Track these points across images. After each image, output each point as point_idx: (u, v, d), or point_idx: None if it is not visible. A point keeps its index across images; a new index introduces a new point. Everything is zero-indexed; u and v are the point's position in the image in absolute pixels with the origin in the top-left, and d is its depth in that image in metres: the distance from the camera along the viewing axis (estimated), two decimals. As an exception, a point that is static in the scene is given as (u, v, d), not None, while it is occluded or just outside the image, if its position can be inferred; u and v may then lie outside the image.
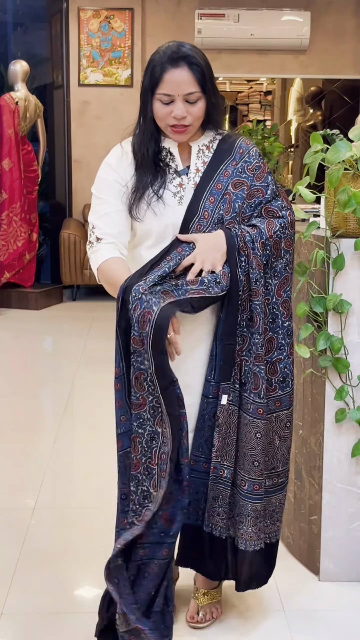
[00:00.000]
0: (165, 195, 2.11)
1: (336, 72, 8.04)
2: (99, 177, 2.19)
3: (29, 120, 7.35)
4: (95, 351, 5.67)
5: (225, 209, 2.09)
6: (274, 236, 2.10)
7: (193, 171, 2.14)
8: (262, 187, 2.14)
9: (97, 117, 7.87)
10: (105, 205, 2.15)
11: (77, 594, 2.55)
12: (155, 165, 2.12)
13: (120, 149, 2.18)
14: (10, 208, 7.19)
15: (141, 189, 2.11)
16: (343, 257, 2.40)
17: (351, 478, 2.55)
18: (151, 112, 2.10)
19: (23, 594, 2.51)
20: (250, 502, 2.17)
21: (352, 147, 2.31)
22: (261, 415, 2.13)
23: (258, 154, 2.18)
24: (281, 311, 2.15)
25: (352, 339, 2.48)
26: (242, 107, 10.28)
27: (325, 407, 2.52)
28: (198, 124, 2.12)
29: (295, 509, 2.75)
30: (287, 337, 2.17)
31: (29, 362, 5.70)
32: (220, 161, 2.14)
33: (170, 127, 2.08)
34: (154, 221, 2.11)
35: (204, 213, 2.09)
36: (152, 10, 7.80)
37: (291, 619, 2.39)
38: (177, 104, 2.05)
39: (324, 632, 2.36)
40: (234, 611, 2.42)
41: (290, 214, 2.16)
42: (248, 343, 2.10)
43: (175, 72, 2.03)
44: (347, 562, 2.60)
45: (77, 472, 3.63)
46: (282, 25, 7.68)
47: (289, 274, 2.16)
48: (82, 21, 7.74)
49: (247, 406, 2.13)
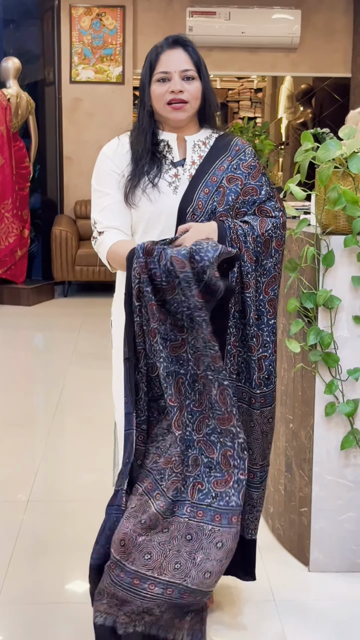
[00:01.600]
0: (160, 184, 2.15)
1: (326, 70, 8.09)
2: (97, 167, 2.24)
3: (20, 117, 7.36)
4: (87, 347, 5.70)
5: (218, 201, 2.13)
6: (265, 234, 2.13)
7: (189, 163, 2.18)
8: (257, 186, 2.17)
9: (88, 114, 7.88)
10: (105, 197, 2.20)
11: (69, 587, 2.58)
12: (152, 155, 2.17)
13: (117, 140, 2.23)
14: (2, 204, 7.20)
15: (137, 177, 2.15)
16: (333, 254, 2.45)
17: (340, 470, 2.60)
18: (149, 100, 2.16)
19: (16, 586, 2.55)
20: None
21: (342, 146, 2.35)
22: (254, 405, 2.16)
23: (253, 153, 2.23)
24: (267, 309, 2.17)
25: (341, 334, 2.52)
26: (233, 105, 10.31)
27: (315, 401, 2.56)
28: (195, 104, 2.17)
29: (285, 501, 2.80)
30: (272, 334, 2.19)
31: (20, 358, 5.72)
32: (216, 156, 2.18)
33: (168, 104, 2.13)
34: (148, 207, 2.14)
35: (198, 203, 2.12)
36: (143, 8, 7.82)
37: (281, 609, 2.43)
38: (175, 79, 2.12)
39: (313, 621, 2.41)
40: (225, 601, 2.46)
41: (283, 215, 2.20)
42: (241, 334, 2.13)
43: (172, 52, 2.15)
44: (337, 553, 2.64)
45: (69, 466, 3.66)
46: (273, 24, 7.72)
47: (277, 274, 2.19)
48: (74, 18, 7.75)
49: (243, 395, 2.16)
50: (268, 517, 2.98)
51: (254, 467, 2.20)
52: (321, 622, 2.39)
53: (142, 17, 7.82)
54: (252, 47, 7.90)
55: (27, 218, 7.57)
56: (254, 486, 2.22)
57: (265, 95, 9.70)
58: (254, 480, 2.21)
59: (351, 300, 2.51)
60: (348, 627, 2.36)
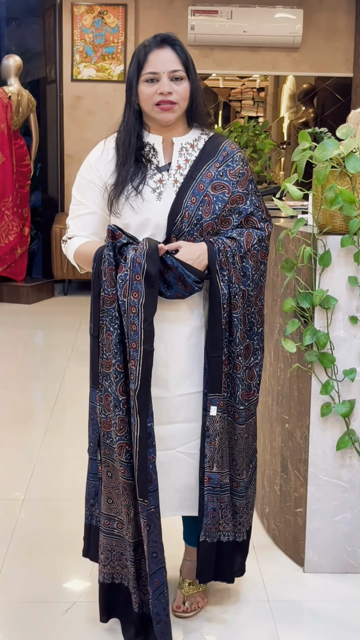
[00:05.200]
0: (144, 191, 2.12)
1: (328, 70, 8.07)
2: (79, 173, 2.25)
3: (21, 115, 7.36)
4: (86, 345, 5.65)
5: (204, 210, 2.11)
6: (251, 249, 2.15)
7: (174, 168, 2.15)
8: (243, 194, 2.16)
9: (89, 112, 7.88)
10: (80, 206, 2.23)
11: (66, 585, 2.58)
12: (136, 160, 2.14)
13: (102, 146, 2.21)
14: (3, 202, 7.20)
15: (120, 184, 2.13)
16: (330, 254, 2.44)
17: (336, 471, 2.59)
18: (136, 99, 2.12)
19: (12, 585, 2.55)
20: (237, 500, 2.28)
21: (339, 145, 2.34)
22: (237, 419, 2.20)
23: (242, 159, 2.19)
24: (257, 319, 2.23)
25: (337, 334, 2.51)
26: (235, 104, 10.29)
27: (311, 401, 2.55)
28: (184, 105, 2.13)
29: (280, 501, 2.79)
30: (260, 342, 2.24)
31: (20, 356, 5.72)
32: (204, 162, 2.15)
33: (157, 105, 2.10)
34: (131, 216, 2.12)
35: (185, 213, 2.10)
36: (145, 6, 7.81)
37: (275, 610, 2.43)
38: (163, 80, 2.08)
39: (307, 622, 2.40)
40: (219, 601, 2.46)
41: (269, 225, 2.21)
42: (228, 354, 2.16)
43: (160, 51, 2.09)
44: (331, 554, 2.64)
45: (66, 464, 3.66)
46: (275, 23, 7.70)
47: (263, 284, 2.23)
48: (76, 16, 7.75)
49: (229, 409, 2.20)
50: (263, 518, 2.97)
51: (238, 477, 2.23)
52: (315, 622, 2.39)
53: (144, 15, 7.82)
54: (253, 46, 7.89)
55: (27, 216, 7.57)
56: (238, 495, 2.26)
57: (267, 95, 9.68)
58: (237, 489, 2.25)
59: (347, 300, 2.50)
60: (342, 628, 2.36)
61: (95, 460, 2.22)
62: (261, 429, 3.02)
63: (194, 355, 2.18)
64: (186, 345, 2.17)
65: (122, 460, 2.07)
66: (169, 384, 2.17)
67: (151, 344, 2.01)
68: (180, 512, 2.28)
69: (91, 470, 2.26)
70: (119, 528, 2.17)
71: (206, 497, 2.19)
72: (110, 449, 2.12)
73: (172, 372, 2.16)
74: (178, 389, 2.18)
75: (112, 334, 2.05)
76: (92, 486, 2.27)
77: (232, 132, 5.39)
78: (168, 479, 2.21)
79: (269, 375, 2.93)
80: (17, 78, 7.31)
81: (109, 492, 2.16)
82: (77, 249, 2.21)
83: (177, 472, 2.23)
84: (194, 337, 2.18)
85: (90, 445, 2.25)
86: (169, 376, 2.16)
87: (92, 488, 2.27)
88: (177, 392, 2.17)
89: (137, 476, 2.04)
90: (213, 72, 8.25)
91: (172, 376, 2.17)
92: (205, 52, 7.87)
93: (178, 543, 2.51)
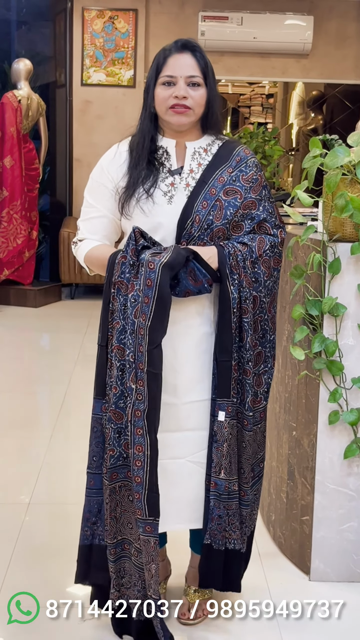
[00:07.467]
0: (155, 194, 2.12)
1: (338, 77, 8.07)
2: (91, 176, 2.24)
3: (31, 119, 7.37)
4: (93, 349, 5.63)
5: (215, 215, 2.10)
6: (263, 255, 2.13)
7: (186, 171, 2.14)
8: (256, 200, 2.15)
9: (98, 117, 7.89)
10: (91, 209, 2.22)
11: (70, 589, 2.57)
12: (149, 162, 2.14)
13: (115, 149, 2.21)
14: (11, 205, 7.21)
15: (132, 186, 2.13)
16: (339, 261, 2.43)
17: (343, 479, 2.58)
18: (152, 102, 2.12)
19: (16, 587, 2.54)
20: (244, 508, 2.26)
21: (350, 153, 2.34)
22: (246, 426, 2.18)
23: (256, 165, 2.18)
24: (270, 327, 2.21)
25: (346, 341, 2.51)
26: (244, 110, 10.30)
27: (319, 409, 2.54)
28: (199, 111, 2.12)
29: (287, 509, 2.78)
30: (272, 349, 2.23)
31: (26, 359, 5.72)
32: (217, 166, 2.14)
33: (171, 108, 2.09)
34: (142, 219, 2.12)
35: (196, 217, 2.09)
36: (155, 12, 7.83)
37: (281, 618, 2.41)
38: (179, 84, 2.08)
39: (313, 631, 2.39)
40: (224, 609, 2.45)
41: (282, 232, 2.19)
42: (238, 359, 2.14)
43: (180, 56, 2.10)
44: (338, 562, 2.62)
45: (72, 468, 3.65)
46: (285, 29, 7.71)
47: (276, 291, 2.21)
48: (86, 21, 7.76)
49: (238, 415, 2.18)
50: (269, 525, 2.96)
51: (245, 485, 2.21)
52: (321, 631, 2.37)
53: (155, 21, 7.83)
54: (263, 53, 7.89)
55: (35, 220, 7.58)
56: (244, 504, 2.23)
57: (276, 101, 9.69)
58: (244, 498, 2.22)
59: (357, 308, 2.49)
60: (348, 637, 2.35)
61: (100, 474, 2.17)
62: (268, 436, 3.01)
63: (204, 361, 2.17)
64: (196, 351, 2.16)
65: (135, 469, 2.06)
66: (178, 390, 2.15)
67: (156, 366, 1.99)
68: (189, 524, 2.26)
69: (94, 486, 2.22)
70: (127, 549, 2.18)
71: (212, 503, 2.17)
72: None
73: (181, 378, 2.15)
74: (187, 395, 2.16)
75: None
76: (95, 502, 2.22)
77: (242, 138, 5.41)
78: (177, 489, 2.19)
79: (276, 382, 2.92)
80: (27, 82, 7.33)
81: (113, 509, 2.16)
82: (88, 252, 2.21)
83: (188, 482, 2.20)
84: (203, 343, 2.17)
85: (93, 460, 2.20)
86: (178, 382, 2.15)
87: (95, 505, 2.22)
88: (186, 399, 2.16)
89: (147, 495, 2.03)
90: (223, 78, 8.26)
91: (182, 382, 2.15)
92: (215, 58, 7.87)
93: (184, 550, 2.50)
